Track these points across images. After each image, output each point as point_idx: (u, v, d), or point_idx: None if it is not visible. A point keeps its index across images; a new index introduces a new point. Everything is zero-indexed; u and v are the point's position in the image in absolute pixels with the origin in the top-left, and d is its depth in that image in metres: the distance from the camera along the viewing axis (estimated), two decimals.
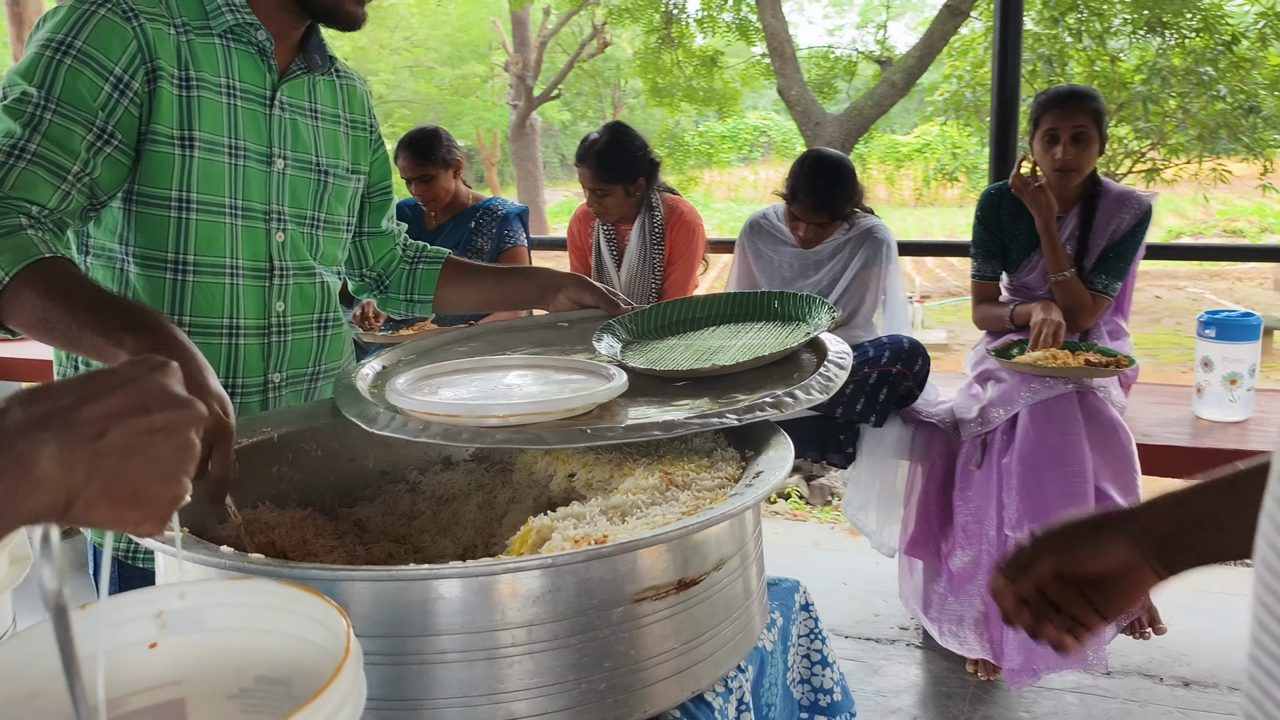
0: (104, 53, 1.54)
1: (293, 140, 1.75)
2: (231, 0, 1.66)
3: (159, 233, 1.63)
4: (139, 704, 0.91)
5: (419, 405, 1.36)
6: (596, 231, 4.15)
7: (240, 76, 1.68)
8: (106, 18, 1.55)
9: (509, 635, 1.04)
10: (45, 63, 1.53)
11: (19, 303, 1.39)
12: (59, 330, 1.37)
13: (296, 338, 1.79)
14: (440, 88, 24.55)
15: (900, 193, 25.53)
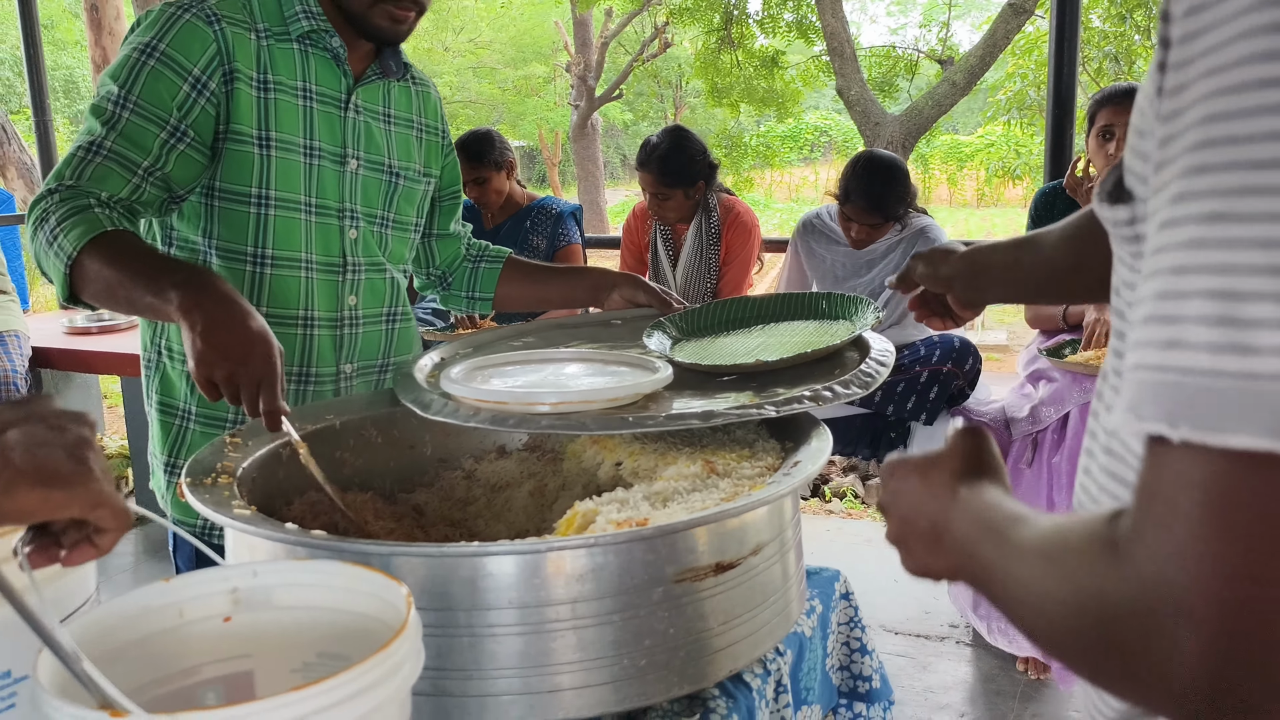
0: (184, 54, 1.65)
1: (366, 142, 1.83)
2: (308, 8, 1.75)
3: (239, 227, 1.73)
4: (211, 674, 0.98)
5: (470, 393, 1.44)
6: (653, 230, 4.21)
7: (317, 80, 1.77)
8: (190, 21, 1.66)
9: (554, 611, 1.10)
10: (130, 64, 1.64)
11: (87, 274, 1.49)
12: (121, 296, 1.48)
13: (367, 330, 1.88)
14: (503, 89, 24.77)
15: (963, 193, 25.29)
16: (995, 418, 3.42)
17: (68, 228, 1.51)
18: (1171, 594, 0.51)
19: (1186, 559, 0.51)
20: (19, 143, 9.29)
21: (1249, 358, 0.49)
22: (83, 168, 1.60)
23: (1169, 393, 0.52)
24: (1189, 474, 0.51)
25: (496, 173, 4.08)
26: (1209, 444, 0.50)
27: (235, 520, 1.17)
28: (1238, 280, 0.49)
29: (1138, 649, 0.53)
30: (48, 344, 4.68)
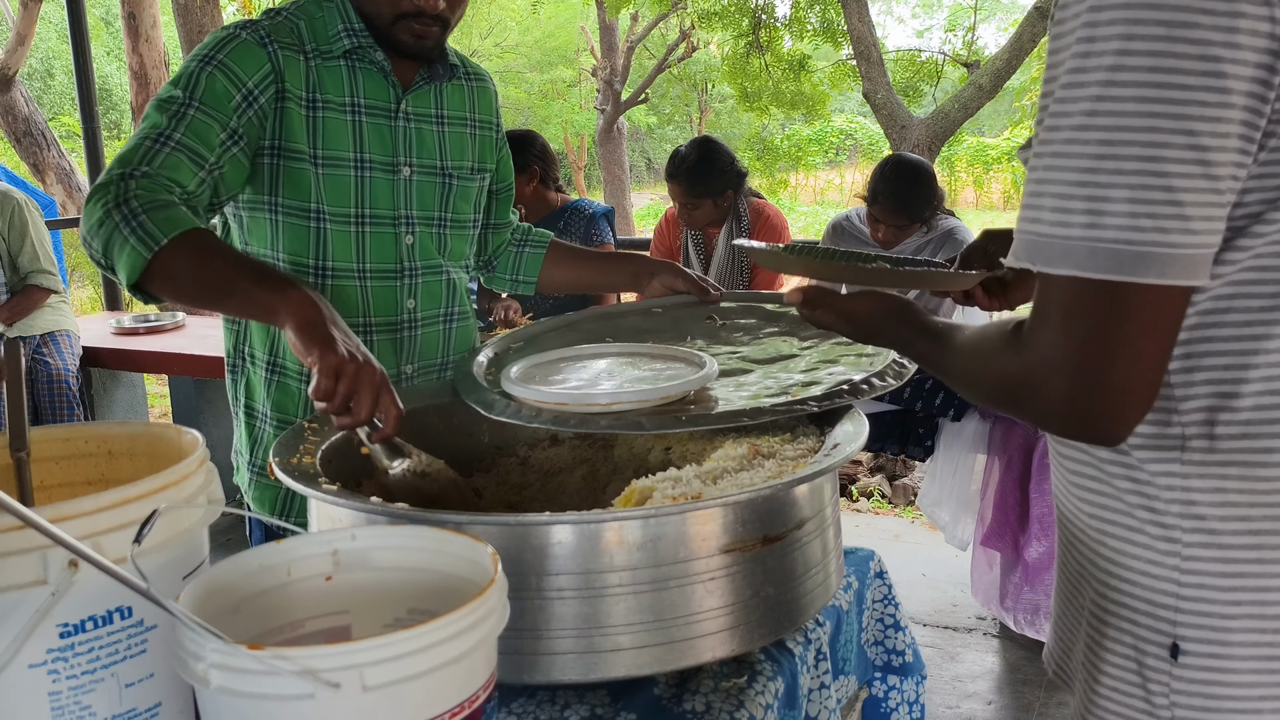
0: (240, 67, 1.73)
1: (418, 148, 1.90)
2: (350, 25, 1.81)
3: (300, 240, 1.82)
4: (314, 627, 1.08)
5: (531, 394, 1.54)
6: (685, 235, 4.31)
7: (365, 94, 1.84)
8: (246, 41, 1.75)
9: (615, 577, 1.21)
10: (191, 71, 1.72)
11: (173, 264, 1.54)
12: (216, 285, 1.53)
13: (425, 331, 1.96)
14: (529, 92, 24.93)
15: (989, 195, 25.26)
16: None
17: (155, 215, 1.55)
18: (1045, 359, 0.96)
19: (1053, 339, 0.95)
20: (58, 148, 9.49)
21: (1066, 229, 0.93)
22: (153, 156, 1.63)
23: (1031, 246, 0.96)
24: (1047, 291, 0.96)
25: (515, 174, 4.13)
26: (1052, 273, 0.94)
27: (324, 494, 1.28)
28: (1065, 189, 0.93)
29: (1032, 395, 0.98)
30: (97, 344, 4.84)
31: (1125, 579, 1.11)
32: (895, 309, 1.30)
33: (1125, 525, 1.11)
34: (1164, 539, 1.07)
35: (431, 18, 1.78)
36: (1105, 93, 0.89)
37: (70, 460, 1.23)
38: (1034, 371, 0.97)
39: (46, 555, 0.92)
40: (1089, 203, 0.90)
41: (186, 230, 1.55)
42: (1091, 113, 0.90)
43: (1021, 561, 3.42)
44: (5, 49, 9.12)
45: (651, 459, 1.65)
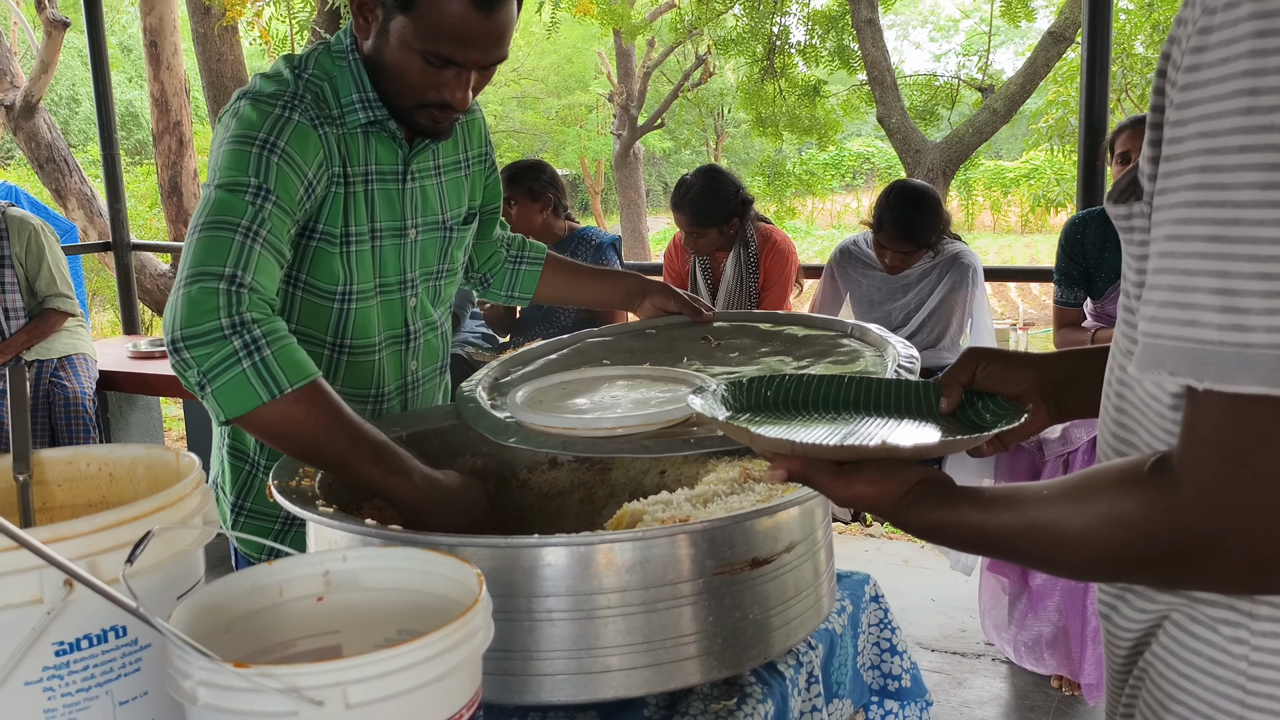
0: (301, 156, 1.63)
1: (422, 207, 1.86)
2: (365, 95, 1.73)
3: (320, 318, 1.78)
4: (305, 646, 1.11)
5: (539, 420, 1.55)
6: (692, 259, 4.34)
7: (378, 160, 1.78)
8: (301, 124, 1.65)
9: (604, 599, 1.23)
10: (256, 157, 1.60)
11: (294, 415, 1.47)
12: (334, 451, 1.49)
13: (426, 388, 1.96)
14: (546, 118, 25.08)
15: (1006, 219, 25.26)
16: (1028, 440, 3.50)
17: (280, 354, 1.47)
18: (1231, 503, 0.76)
19: (1239, 475, 0.75)
20: (80, 174, 9.59)
21: (1244, 333, 0.72)
22: (249, 257, 1.53)
23: (1191, 356, 0.75)
24: (1216, 413, 0.75)
25: (528, 200, 4.18)
26: (1223, 391, 0.74)
27: (320, 516, 1.30)
28: (1233, 282, 0.73)
29: (1215, 552, 0.77)
30: (114, 368, 4.89)
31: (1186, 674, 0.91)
32: (914, 494, 1.00)
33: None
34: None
35: (451, 110, 1.72)
36: None
37: (72, 483, 1.26)
38: (1215, 518, 0.77)
39: (43, 575, 0.94)
40: (1275, 299, 0.71)
41: (312, 380, 1.49)
42: (1267, 184, 0.71)
43: (1027, 589, 3.41)
44: (29, 76, 9.24)
45: (647, 482, 1.67)
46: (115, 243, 6.20)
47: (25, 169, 15.89)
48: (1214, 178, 0.74)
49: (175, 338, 1.46)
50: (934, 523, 0.98)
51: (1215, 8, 0.74)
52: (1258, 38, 0.72)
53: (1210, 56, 0.74)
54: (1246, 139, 0.72)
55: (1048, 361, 1.24)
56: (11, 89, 9.12)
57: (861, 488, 1.01)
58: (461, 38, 1.62)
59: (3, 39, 9.47)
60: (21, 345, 4.53)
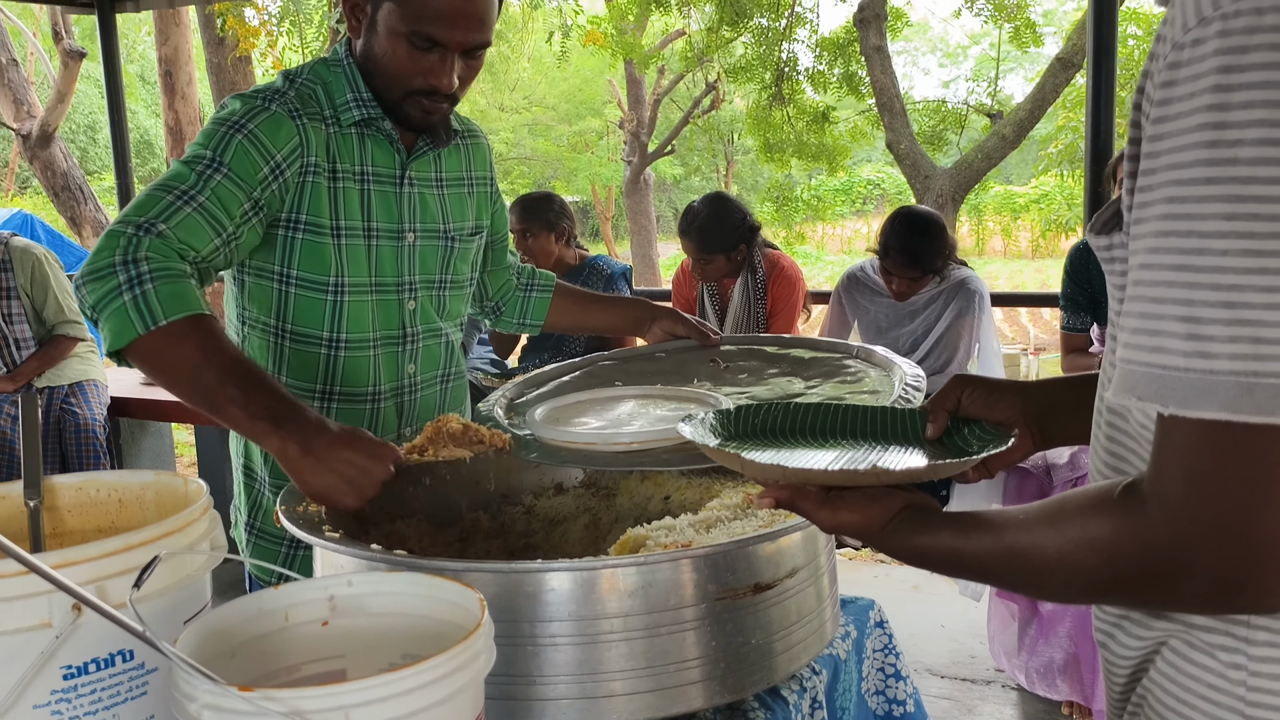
0: (270, 139, 1.70)
1: (421, 213, 1.90)
2: (359, 95, 1.80)
3: (315, 314, 1.81)
4: (310, 671, 1.12)
5: (558, 436, 1.56)
6: (700, 285, 4.36)
7: (373, 162, 1.83)
8: (277, 113, 1.72)
9: (608, 623, 1.24)
10: (220, 135, 1.68)
11: (166, 349, 1.50)
12: (201, 389, 1.49)
13: (424, 394, 1.97)
14: (557, 145, 25.22)
15: (1017, 244, 25.26)
16: (1036, 465, 3.50)
17: (162, 288, 1.51)
18: (1196, 523, 0.77)
19: (1204, 496, 0.77)
20: (95, 202, 9.68)
21: (1208, 360, 0.74)
22: (172, 213, 1.59)
23: (1158, 382, 0.77)
24: (1182, 438, 0.77)
25: (545, 231, 4.21)
26: (1187, 416, 0.76)
27: (326, 541, 1.31)
28: (1198, 310, 0.75)
29: (1182, 571, 0.79)
30: (125, 394, 4.92)
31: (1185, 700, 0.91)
32: (897, 520, 1.01)
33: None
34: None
35: (442, 95, 1.78)
36: (1246, 191, 0.73)
37: (82, 508, 1.28)
38: (1181, 541, 0.78)
39: (52, 599, 0.96)
40: (1235, 327, 0.73)
41: (190, 315, 1.51)
42: (1230, 215, 0.73)
43: (1037, 614, 3.40)
44: (46, 106, 9.34)
45: (651, 508, 1.68)
46: None
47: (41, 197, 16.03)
48: (1180, 208, 0.76)
49: (76, 277, 1.54)
50: (917, 548, 0.99)
51: (1184, 44, 0.76)
52: (1222, 73, 0.74)
53: (1179, 91, 0.77)
54: (1211, 171, 0.74)
55: (1032, 389, 1.25)
56: (29, 119, 9.23)
57: (846, 515, 1.03)
58: (445, 16, 1.70)
59: (20, 69, 9.58)
60: (33, 372, 4.57)
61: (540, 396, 1.86)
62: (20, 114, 9.28)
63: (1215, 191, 0.74)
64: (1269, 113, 0.72)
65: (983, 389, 1.24)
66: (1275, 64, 0.72)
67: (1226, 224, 0.73)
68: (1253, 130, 0.72)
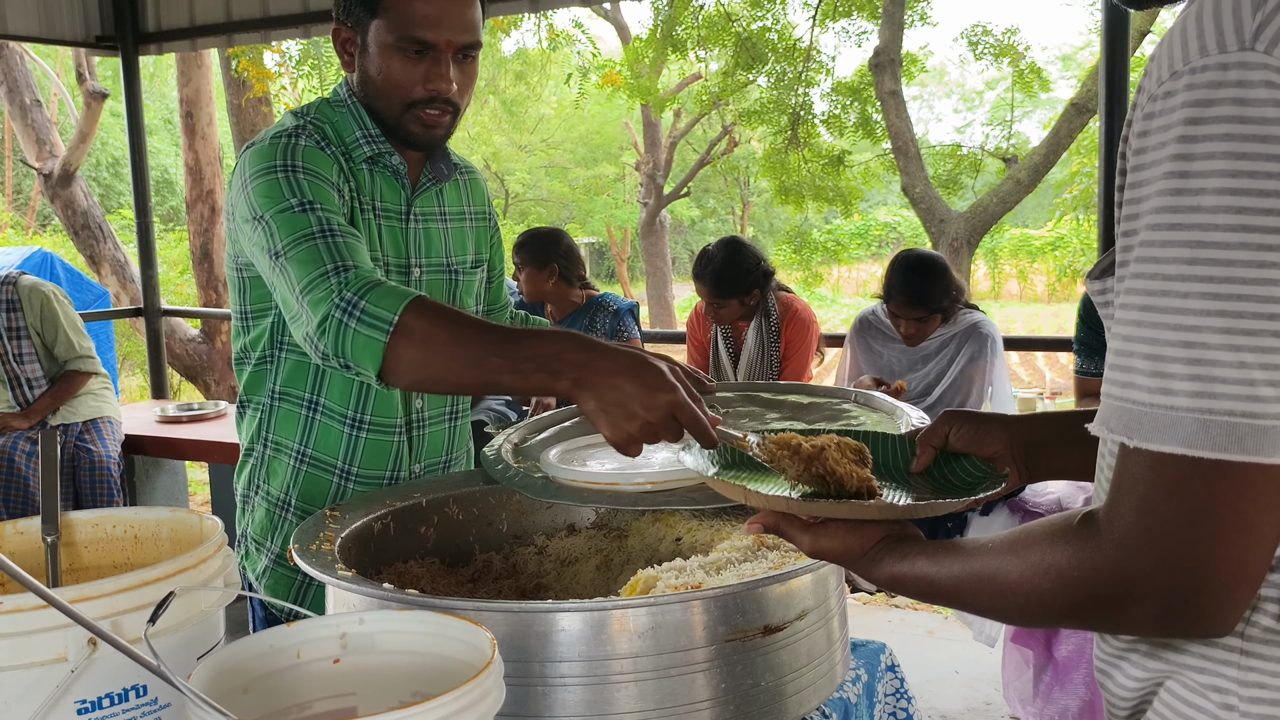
0: (321, 168, 1.72)
1: (426, 248, 1.92)
2: (367, 131, 1.82)
3: None
4: (321, 708, 1.13)
5: (580, 478, 1.55)
6: (714, 328, 4.38)
7: (383, 198, 1.85)
8: (308, 145, 1.74)
9: (618, 665, 1.24)
10: (284, 180, 1.67)
11: (414, 334, 1.45)
12: (465, 355, 1.43)
13: (432, 430, 1.96)
14: (573, 187, 25.36)
15: (1033, 288, 25.24)
16: (1050, 508, 3.49)
17: (371, 295, 1.49)
18: (1143, 551, 0.80)
19: (1152, 526, 0.80)
20: (114, 240, 9.77)
21: (1169, 396, 0.78)
22: (336, 249, 1.57)
23: (1126, 415, 0.81)
24: (1137, 469, 0.81)
25: (532, 268, 4.20)
26: (1145, 449, 0.79)
27: (339, 580, 1.32)
28: (1161, 349, 0.79)
29: (1129, 597, 0.82)
30: (140, 431, 4.95)
31: None
32: (877, 548, 1.05)
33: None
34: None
35: (442, 103, 1.78)
36: (1207, 237, 0.77)
37: (99, 544, 1.29)
38: (1128, 567, 0.82)
39: (68, 634, 0.97)
40: (1194, 366, 0.77)
41: (412, 300, 1.47)
42: (1191, 260, 0.77)
43: (1052, 661, 3.38)
44: (68, 146, 9.46)
45: (663, 549, 1.69)
46: (146, 308, 6.30)
47: (61, 235, 16.19)
48: (1149, 252, 0.80)
49: (316, 345, 1.52)
50: (894, 575, 1.03)
51: (1157, 95, 0.81)
52: (1187, 124, 0.78)
53: (1151, 140, 0.81)
54: (1175, 218, 0.79)
55: (1016, 423, 1.28)
56: (50, 158, 9.34)
57: (827, 541, 1.07)
58: (429, 18, 1.72)
59: (43, 110, 9.71)
60: (46, 409, 4.60)
61: (546, 441, 1.86)
62: (42, 153, 9.39)
63: (1178, 237, 0.78)
64: (1229, 164, 0.76)
65: (970, 424, 1.27)
66: (1236, 117, 0.76)
67: (1188, 268, 0.78)
68: (1214, 180, 0.76)
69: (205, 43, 5.70)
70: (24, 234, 21.06)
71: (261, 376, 1.89)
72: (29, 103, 9.42)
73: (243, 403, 1.95)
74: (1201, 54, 0.78)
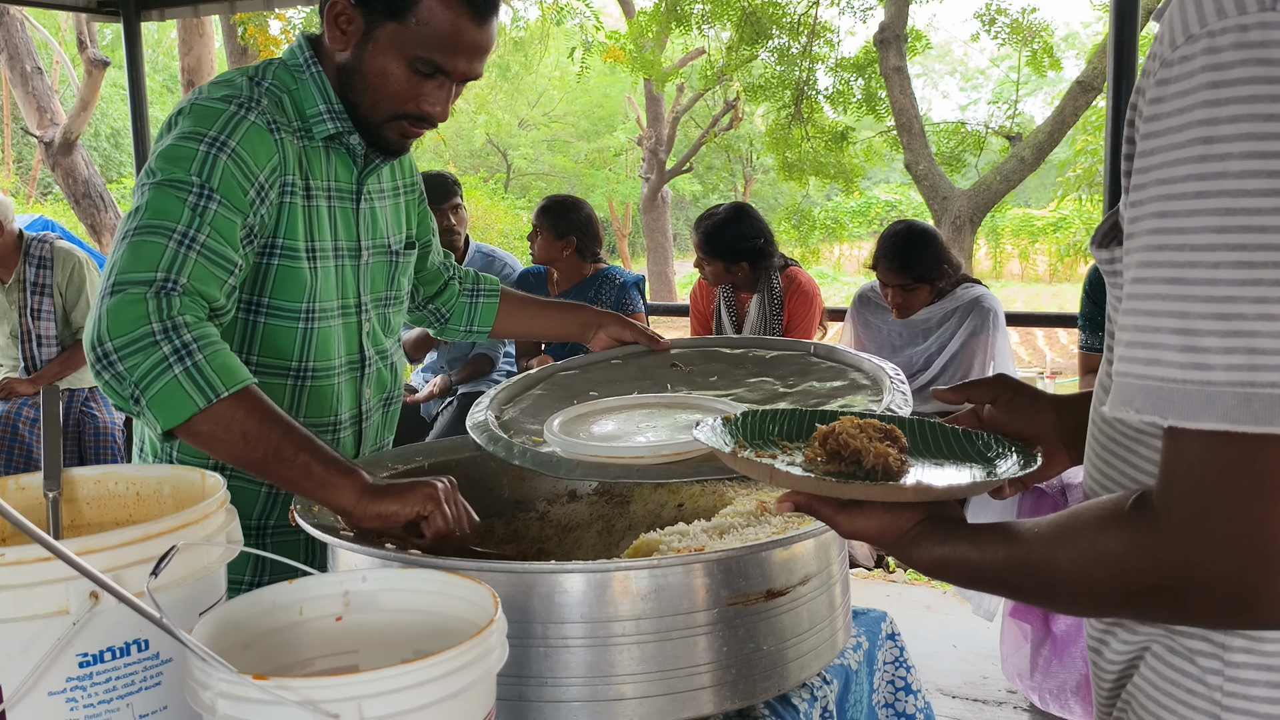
0: (253, 158, 1.58)
1: (373, 228, 1.83)
2: (332, 107, 1.70)
3: (285, 343, 1.70)
4: (323, 665, 1.12)
5: (599, 450, 1.51)
6: (718, 300, 4.37)
7: (336, 177, 1.75)
8: (255, 125, 1.60)
9: (619, 627, 1.24)
10: (201, 155, 1.53)
11: (222, 419, 1.39)
12: (263, 449, 1.40)
13: (374, 419, 1.89)
14: (576, 161, 25.30)
15: (1034, 267, 25.20)
16: (1053, 485, 3.49)
17: (213, 358, 1.41)
18: (1203, 537, 0.77)
19: (1209, 510, 0.77)
20: (115, 209, 9.75)
21: (1205, 371, 0.75)
22: (182, 264, 1.46)
23: (1155, 394, 0.77)
24: (1190, 451, 0.77)
25: (550, 235, 4.20)
26: (1187, 428, 0.76)
27: (342, 540, 1.32)
28: (1193, 322, 0.75)
29: (1190, 586, 0.78)
30: None
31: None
32: (915, 530, 1.00)
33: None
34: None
35: (428, 122, 1.71)
36: (1236, 204, 0.74)
37: (100, 501, 1.29)
38: (1190, 556, 0.78)
39: (69, 586, 0.97)
40: (1230, 338, 0.74)
41: (244, 385, 1.42)
42: (1220, 228, 0.74)
43: (1050, 635, 3.39)
44: (69, 114, 9.43)
45: (665, 514, 1.69)
46: None
47: (63, 204, 16.16)
48: (1171, 222, 0.77)
49: (106, 350, 1.39)
50: (935, 559, 0.98)
51: (1172, 60, 0.78)
52: (1210, 89, 0.75)
53: (1168, 107, 0.78)
54: (1201, 185, 0.75)
55: (1067, 404, 1.22)
56: (51, 126, 9.30)
57: (863, 522, 1.02)
58: (454, 46, 1.63)
59: (44, 77, 9.67)
60: (53, 376, 4.60)
61: (528, 410, 1.81)
62: (43, 121, 9.36)
63: (1206, 205, 0.75)
64: (1256, 126, 0.73)
65: (1024, 396, 1.22)
66: (1260, 78, 0.74)
67: (1218, 236, 0.74)
68: (1240, 144, 0.74)
69: (208, 9, 5.65)
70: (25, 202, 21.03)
71: None
72: (30, 70, 9.38)
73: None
74: (1219, 16, 0.75)
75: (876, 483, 1.05)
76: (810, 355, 1.93)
